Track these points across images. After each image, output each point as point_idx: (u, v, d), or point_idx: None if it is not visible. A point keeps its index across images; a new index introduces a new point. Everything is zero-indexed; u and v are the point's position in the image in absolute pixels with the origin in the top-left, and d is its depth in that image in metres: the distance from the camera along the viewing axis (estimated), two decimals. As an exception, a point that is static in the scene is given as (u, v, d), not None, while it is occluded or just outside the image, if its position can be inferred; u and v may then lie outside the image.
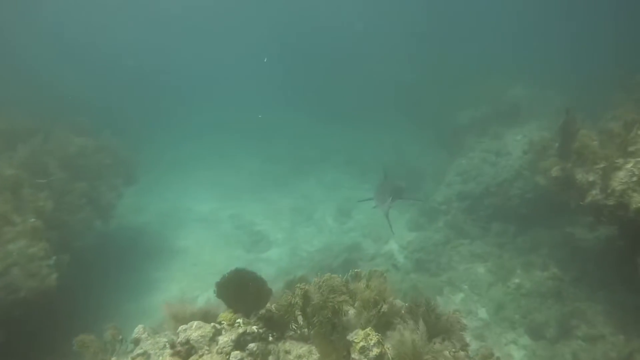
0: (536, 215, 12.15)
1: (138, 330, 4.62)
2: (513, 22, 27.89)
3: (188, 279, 11.71)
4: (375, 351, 3.96)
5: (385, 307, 4.58)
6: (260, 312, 4.43)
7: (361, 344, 4.02)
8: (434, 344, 3.96)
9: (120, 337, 4.58)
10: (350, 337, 4.18)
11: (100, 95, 24.25)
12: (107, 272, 10.34)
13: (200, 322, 4.27)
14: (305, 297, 4.33)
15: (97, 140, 10.73)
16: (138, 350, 4.36)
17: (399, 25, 31.36)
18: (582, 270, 10.08)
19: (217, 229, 14.96)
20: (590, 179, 7.70)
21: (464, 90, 18.89)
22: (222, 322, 4.37)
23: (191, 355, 4.10)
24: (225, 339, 4.14)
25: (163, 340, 4.39)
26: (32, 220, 6.93)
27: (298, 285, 4.43)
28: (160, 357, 4.20)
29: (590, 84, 14.54)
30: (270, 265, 12.57)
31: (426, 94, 21.23)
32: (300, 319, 4.44)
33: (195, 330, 4.18)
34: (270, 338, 4.33)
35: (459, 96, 18.75)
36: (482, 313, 9.44)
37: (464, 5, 32.06)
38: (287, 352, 4.21)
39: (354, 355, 4.00)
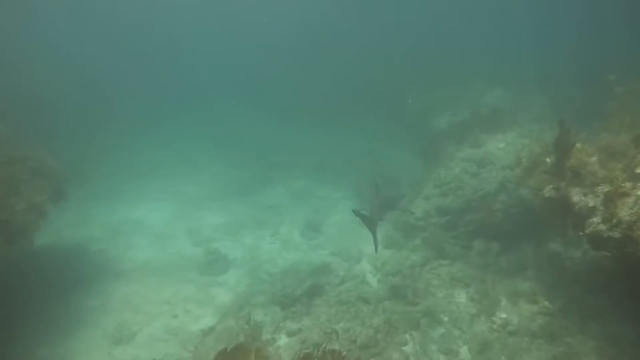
0: (520, 231, 11.13)
1: None
2: (492, 22, 27.04)
3: (129, 309, 10.13)
4: None
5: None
6: None
7: None
8: None
9: None
10: None
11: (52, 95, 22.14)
12: (19, 307, 8.71)
13: None
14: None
15: (12, 151, 9.05)
16: None
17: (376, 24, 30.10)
18: (571, 297, 9.09)
19: (171, 245, 13.39)
20: (591, 204, 6.55)
21: (441, 92, 17.81)
22: None
23: None
24: None
25: None
26: None
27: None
28: None
29: (576, 88, 13.60)
30: (227, 290, 11.11)
31: (403, 96, 20.05)
32: None
33: None
34: None
35: (436, 98, 17.65)
36: (464, 353, 8.22)
37: (440, 5, 31.13)
38: None
39: None
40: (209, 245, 13.07)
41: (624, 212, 5.83)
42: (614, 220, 5.92)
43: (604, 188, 6.33)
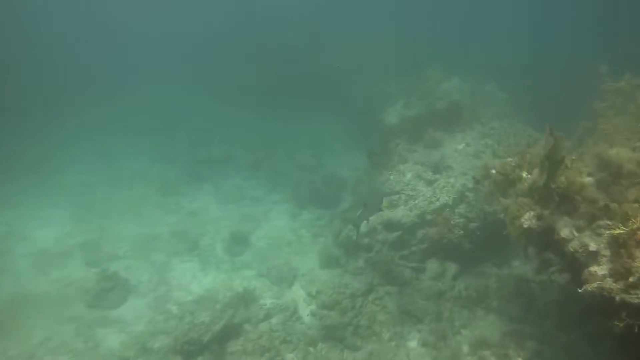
0: (481, 249, 9.43)
1: None
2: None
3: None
4: None
5: None
6: None
7: None
8: None
9: None
10: None
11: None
12: None
13: None
14: None
15: None
16: None
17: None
18: (543, 336, 7.57)
19: (58, 268, 10.65)
20: (592, 246, 4.68)
21: (391, 81, 15.87)
22: None
23: None
24: None
25: None
26: None
27: None
28: None
29: (544, 82, 11.93)
30: (119, 331, 8.64)
31: (352, 84, 17.94)
32: None
33: None
34: None
35: (386, 87, 15.71)
36: None
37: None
38: None
39: None
40: (107, 267, 10.42)
41: (647, 267, 3.97)
42: (631, 279, 4.05)
43: (611, 227, 4.46)
